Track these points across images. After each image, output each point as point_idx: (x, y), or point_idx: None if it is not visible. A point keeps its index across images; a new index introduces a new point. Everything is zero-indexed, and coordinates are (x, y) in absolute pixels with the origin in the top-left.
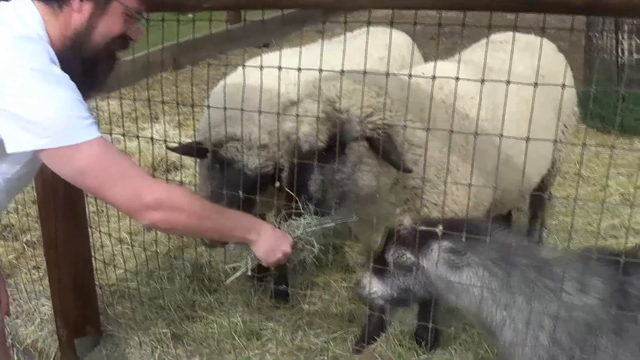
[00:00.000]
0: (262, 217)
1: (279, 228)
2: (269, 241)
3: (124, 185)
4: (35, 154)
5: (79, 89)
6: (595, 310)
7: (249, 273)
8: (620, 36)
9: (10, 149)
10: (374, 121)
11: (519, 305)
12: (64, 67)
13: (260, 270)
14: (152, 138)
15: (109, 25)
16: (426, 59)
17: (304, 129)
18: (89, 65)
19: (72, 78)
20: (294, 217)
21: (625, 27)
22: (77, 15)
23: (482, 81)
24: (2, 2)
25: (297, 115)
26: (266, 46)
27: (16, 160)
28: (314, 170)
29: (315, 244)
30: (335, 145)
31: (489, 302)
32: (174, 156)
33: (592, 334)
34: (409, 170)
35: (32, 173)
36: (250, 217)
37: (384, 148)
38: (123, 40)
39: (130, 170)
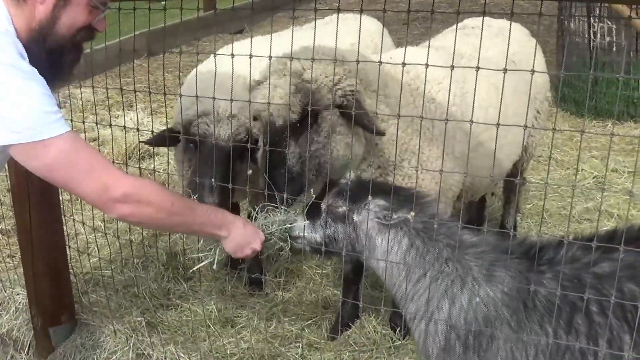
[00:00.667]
0: (236, 205)
1: (255, 221)
2: (239, 238)
3: (92, 179)
4: (4, 148)
5: (45, 80)
6: (496, 303)
7: (215, 266)
8: (592, 20)
9: None
10: (342, 87)
11: (426, 282)
12: (31, 60)
13: (233, 262)
14: (124, 127)
15: (74, 17)
16: (399, 44)
17: (277, 104)
18: (54, 57)
19: (39, 70)
20: (270, 211)
21: (597, 11)
22: (41, 7)
23: (452, 67)
24: None
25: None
26: (239, 33)
27: None
28: (290, 144)
29: (289, 239)
30: (308, 117)
31: (401, 273)
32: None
33: (489, 326)
34: (381, 133)
35: (1, 165)
36: (222, 212)
37: (357, 115)
38: (88, 32)
39: (99, 164)
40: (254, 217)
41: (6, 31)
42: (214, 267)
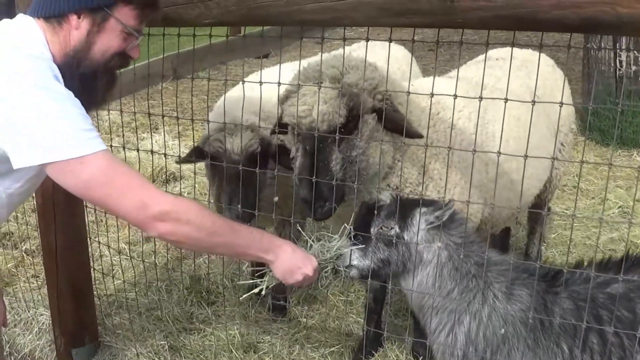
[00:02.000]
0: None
1: (310, 247)
2: (287, 263)
3: (129, 197)
4: (41, 168)
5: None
6: (514, 320)
7: (263, 292)
8: (618, 48)
9: (16, 164)
10: (381, 92)
11: (453, 295)
12: (65, 84)
13: (281, 289)
14: (152, 151)
15: (108, 43)
16: (424, 70)
17: (321, 108)
18: (88, 82)
19: (73, 94)
20: (325, 238)
21: (623, 40)
22: (76, 33)
23: (480, 99)
24: (6, 21)
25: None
26: (265, 57)
27: (20, 176)
28: (334, 150)
29: (343, 269)
30: (352, 120)
31: (435, 282)
32: (173, 167)
33: (507, 342)
34: (419, 135)
35: (34, 188)
36: (269, 235)
37: (393, 116)
38: (123, 58)
39: (136, 182)
40: (309, 245)
41: (42, 54)
42: (262, 292)
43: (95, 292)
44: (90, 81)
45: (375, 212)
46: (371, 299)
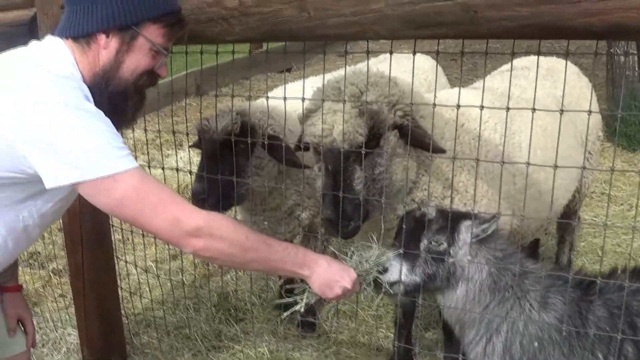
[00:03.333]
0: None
1: (350, 258)
2: (323, 277)
3: (163, 213)
4: (72, 188)
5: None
6: (550, 329)
7: (301, 309)
8: None
9: (49, 184)
10: (402, 108)
11: (491, 306)
12: (95, 103)
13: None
14: (177, 169)
15: (136, 62)
16: (448, 80)
17: (339, 128)
18: (117, 101)
19: (103, 113)
20: (359, 248)
21: None
22: (105, 52)
23: (507, 109)
24: (34, 42)
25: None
26: (288, 71)
27: (51, 196)
28: (356, 168)
29: (387, 287)
30: (373, 138)
31: (476, 297)
32: None
33: (543, 352)
34: (442, 151)
35: (65, 207)
36: (304, 250)
37: (415, 132)
38: (151, 76)
39: (169, 198)
40: (350, 256)
41: (71, 75)
42: (301, 309)
43: (122, 311)
44: (119, 100)
45: (425, 227)
46: (400, 313)
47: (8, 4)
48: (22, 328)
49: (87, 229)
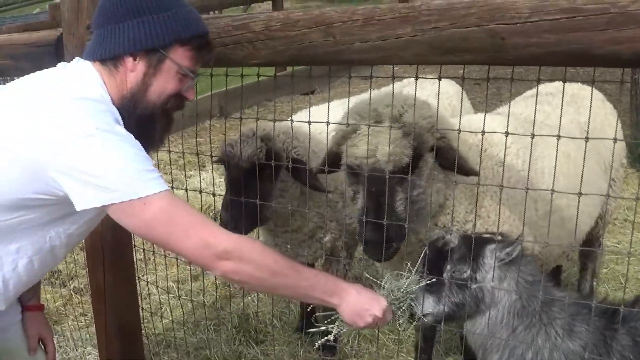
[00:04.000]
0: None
1: (383, 288)
2: (353, 305)
3: (192, 236)
4: (101, 209)
5: None
6: (575, 357)
7: (331, 338)
8: None
9: (79, 206)
10: (439, 130)
11: (518, 331)
12: (123, 125)
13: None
14: (200, 190)
15: (164, 84)
16: (472, 105)
17: (386, 149)
18: (145, 124)
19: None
20: (390, 278)
21: None
22: (132, 75)
23: (532, 136)
24: (63, 64)
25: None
26: (311, 93)
27: (79, 217)
28: (398, 191)
29: (419, 306)
30: (416, 159)
31: (502, 322)
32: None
33: None
34: (476, 173)
35: (91, 229)
36: (334, 278)
37: (452, 154)
38: (179, 99)
39: (198, 221)
40: (383, 285)
41: (101, 98)
42: (331, 338)
43: (143, 331)
44: (147, 123)
45: (448, 255)
46: (421, 338)
47: (34, 25)
48: (43, 347)
49: (108, 249)
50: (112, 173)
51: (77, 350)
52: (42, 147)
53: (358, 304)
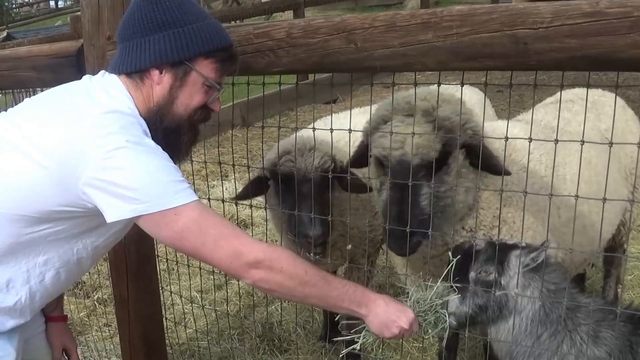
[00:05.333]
0: (334, 274)
1: (407, 299)
2: (381, 316)
3: (223, 246)
4: (129, 221)
5: None
6: None
7: (357, 347)
8: None
9: (111, 218)
10: (472, 127)
11: (542, 338)
12: (151, 138)
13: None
14: (223, 200)
15: (190, 97)
16: (494, 111)
17: (416, 141)
18: (172, 136)
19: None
20: (420, 287)
21: None
22: (158, 87)
23: (556, 142)
24: (89, 77)
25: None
26: (333, 102)
27: (107, 229)
28: (424, 185)
29: (447, 316)
30: (447, 155)
31: (527, 329)
32: (243, 214)
33: None
34: (508, 173)
35: (118, 240)
36: (362, 288)
37: (486, 152)
38: (205, 111)
39: (229, 231)
40: (410, 296)
41: (130, 110)
42: (357, 347)
43: (167, 341)
44: (174, 135)
45: (473, 258)
46: (444, 346)
47: (57, 37)
48: (67, 358)
49: (132, 260)
50: (143, 184)
51: None
52: (73, 161)
53: (386, 315)
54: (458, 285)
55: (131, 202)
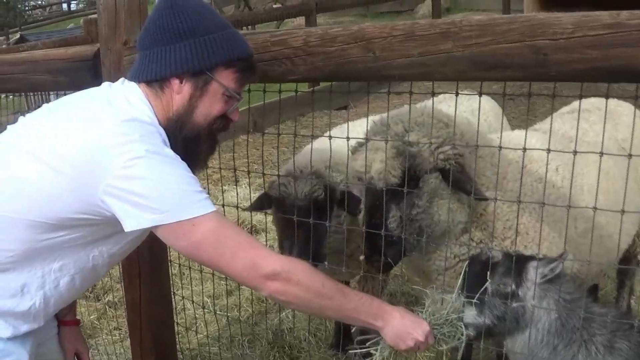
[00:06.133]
0: (347, 284)
1: (422, 312)
2: (396, 329)
3: (241, 257)
4: (148, 230)
5: None
6: None
7: None
8: None
9: (129, 227)
10: (444, 151)
11: (558, 349)
12: (170, 147)
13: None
14: (237, 206)
15: (209, 106)
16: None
17: (375, 167)
18: (191, 146)
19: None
20: (435, 299)
21: None
22: (178, 97)
23: (575, 152)
24: (108, 84)
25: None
26: (343, 109)
27: (123, 237)
28: (392, 208)
29: (464, 328)
30: (411, 179)
31: (543, 340)
32: (256, 219)
33: None
34: (483, 198)
35: (133, 248)
36: (379, 301)
37: (457, 177)
38: (224, 121)
39: (246, 242)
40: (425, 309)
41: (150, 119)
42: None
43: (178, 346)
44: (193, 145)
45: (489, 269)
46: (456, 357)
47: (70, 40)
48: None
49: (144, 264)
50: (162, 194)
51: None
52: (92, 169)
53: (402, 327)
54: (472, 299)
55: (150, 212)
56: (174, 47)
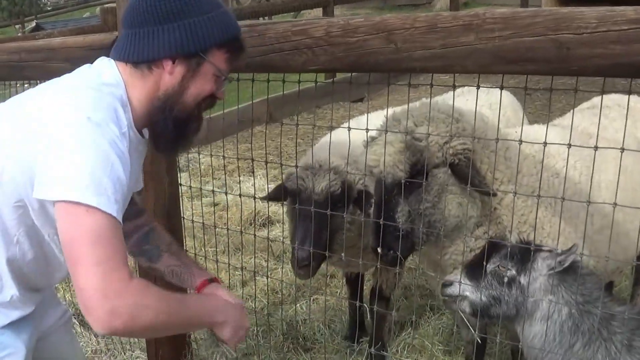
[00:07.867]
0: (354, 275)
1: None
2: (235, 317)
3: (97, 273)
4: (48, 206)
5: (168, 148)
6: None
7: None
8: None
9: (36, 193)
10: (454, 146)
11: (575, 348)
12: (154, 128)
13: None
14: (254, 197)
15: (201, 87)
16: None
17: (384, 161)
18: (181, 125)
19: (163, 138)
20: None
21: None
22: (169, 77)
23: (595, 148)
24: (87, 65)
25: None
26: (359, 101)
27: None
28: (400, 202)
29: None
30: (418, 174)
31: (556, 338)
32: (272, 210)
33: None
34: (492, 194)
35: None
36: (210, 296)
37: (465, 173)
38: (211, 100)
39: (116, 261)
40: None
41: (113, 95)
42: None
43: (193, 336)
44: (183, 125)
45: (493, 250)
46: (470, 350)
47: (87, 28)
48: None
49: None
50: (79, 171)
51: (124, 353)
52: (37, 137)
53: (238, 315)
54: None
55: (59, 183)
56: (167, 27)
